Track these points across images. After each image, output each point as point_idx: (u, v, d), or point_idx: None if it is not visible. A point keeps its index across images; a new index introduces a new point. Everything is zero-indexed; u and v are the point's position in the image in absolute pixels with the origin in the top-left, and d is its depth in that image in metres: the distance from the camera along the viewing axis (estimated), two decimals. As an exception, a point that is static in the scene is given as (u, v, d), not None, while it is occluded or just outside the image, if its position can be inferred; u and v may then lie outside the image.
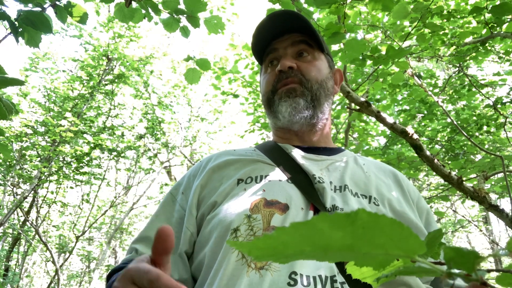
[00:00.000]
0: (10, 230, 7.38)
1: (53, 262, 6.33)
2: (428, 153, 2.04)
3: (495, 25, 2.58)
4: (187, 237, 0.75)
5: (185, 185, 0.85)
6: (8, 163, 6.03)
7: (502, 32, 2.72)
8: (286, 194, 0.73)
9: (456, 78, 4.28)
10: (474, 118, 4.21)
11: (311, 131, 0.89)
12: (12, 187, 6.30)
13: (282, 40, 0.91)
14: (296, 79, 0.85)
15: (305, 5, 1.98)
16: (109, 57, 7.39)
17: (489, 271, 0.28)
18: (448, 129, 4.33)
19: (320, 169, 0.81)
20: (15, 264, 7.74)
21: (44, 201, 6.83)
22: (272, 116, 0.89)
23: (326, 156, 0.87)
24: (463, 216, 7.57)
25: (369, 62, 2.29)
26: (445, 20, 2.88)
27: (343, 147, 0.97)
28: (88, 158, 6.42)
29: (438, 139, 4.49)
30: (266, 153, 0.87)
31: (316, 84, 0.87)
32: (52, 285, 7.28)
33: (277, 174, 0.79)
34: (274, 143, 0.91)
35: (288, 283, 0.60)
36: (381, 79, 2.79)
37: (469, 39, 3.10)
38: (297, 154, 0.84)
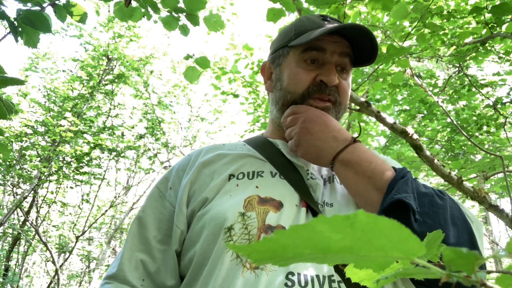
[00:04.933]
0: (10, 230, 7.38)
1: (53, 262, 6.33)
2: (428, 153, 2.04)
3: (495, 25, 2.58)
4: (177, 235, 0.73)
5: (173, 180, 0.81)
6: (8, 163, 6.03)
7: (502, 32, 2.72)
8: (279, 190, 0.72)
9: (456, 78, 4.28)
10: (474, 118, 4.22)
11: None
12: (12, 187, 6.30)
13: (332, 42, 0.80)
14: (333, 98, 0.80)
15: (306, 5, 1.98)
16: (109, 57, 7.39)
17: (489, 272, 0.28)
18: (448, 129, 4.33)
19: (311, 164, 0.79)
20: (15, 264, 7.74)
21: (44, 201, 6.83)
22: None
23: None
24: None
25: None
26: (445, 20, 2.88)
27: None
28: (88, 158, 6.42)
29: (438, 139, 4.49)
30: (256, 148, 0.84)
31: (344, 109, 0.84)
32: (52, 285, 7.29)
33: (269, 170, 0.77)
34: (264, 138, 0.88)
35: (285, 283, 0.59)
36: (381, 79, 2.79)
37: (469, 39, 3.10)
38: (288, 149, 0.82)
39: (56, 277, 6.49)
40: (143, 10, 1.66)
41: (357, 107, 2.26)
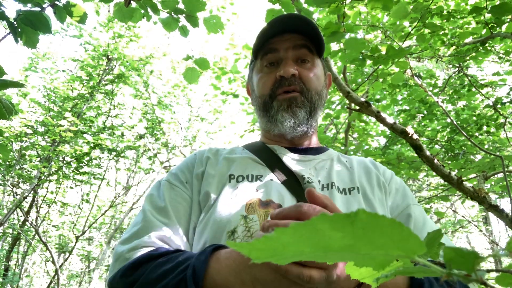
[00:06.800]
0: (10, 230, 7.38)
1: (53, 262, 6.33)
2: (428, 153, 2.04)
3: (495, 25, 2.58)
4: (192, 228, 0.75)
5: (186, 176, 0.83)
6: (8, 163, 6.03)
7: (502, 32, 2.72)
8: (278, 194, 0.74)
9: (456, 78, 4.28)
10: (474, 118, 4.21)
11: (302, 137, 0.90)
12: (12, 187, 6.29)
13: (282, 40, 0.87)
14: (297, 87, 0.84)
15: (305, 5, 1.98)
16: (109, 57, 7.38)
17: (488, 271, 0.28)
18: (448, 129, 4.33)
19: (309, 169, 0.82)
20: (15, 264, 7.74)
21: (44, 201, 6.82)
22: (266, 121, 0.88)
23: (313, 155, 0.88)
24: (463, 216, 7.56)
25: (369, 62, 2.29)
26: (445, 20, 2.88)
27: (326, 146, 0.99)
28: (88, 158, 6.42)
29: (438, 139, 4.49)
30: (255, 153, 0.87)
31: (315, 95, 0.87)
32: (52, 285, 7.28)
33: (268, 175, 0.80)
34: (262, 143, 0.91)
35: None
36: (381, 79, 2.79)
37: (469, 39, 3.10)
38: (286, 155, 0.85)
39: (56, 277, 6.49)
40: (142, 11, 1.66)
41: (357, 107, 2.26)
